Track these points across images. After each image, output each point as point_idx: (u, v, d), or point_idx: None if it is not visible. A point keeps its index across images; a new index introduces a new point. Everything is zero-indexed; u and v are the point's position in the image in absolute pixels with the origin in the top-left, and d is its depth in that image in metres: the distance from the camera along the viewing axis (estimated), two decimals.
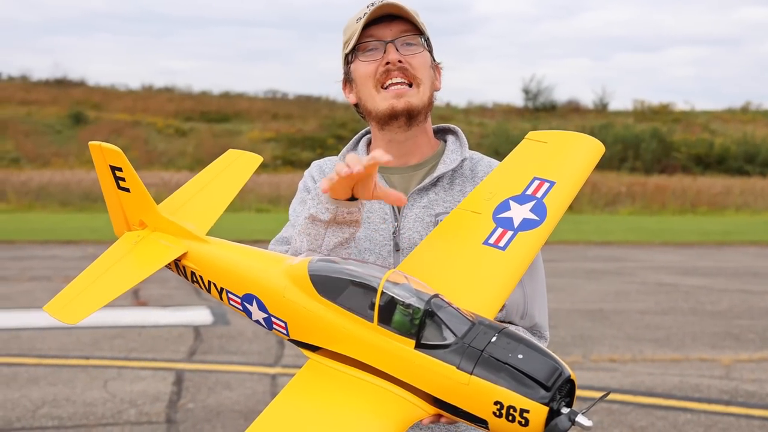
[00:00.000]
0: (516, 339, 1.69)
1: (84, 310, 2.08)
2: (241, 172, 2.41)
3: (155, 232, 2.22)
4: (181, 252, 2.13)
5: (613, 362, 8.16)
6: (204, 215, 2.26)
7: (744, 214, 28.52)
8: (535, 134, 2.31)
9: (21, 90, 43.48)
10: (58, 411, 6.45)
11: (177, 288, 12.09)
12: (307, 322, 1.85)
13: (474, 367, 1.65)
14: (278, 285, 1.90)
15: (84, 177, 27.63)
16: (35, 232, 19.08)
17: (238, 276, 2.00)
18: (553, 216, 2.07)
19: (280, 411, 1.75)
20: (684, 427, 6.30)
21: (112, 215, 2.29)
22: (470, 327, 1.71)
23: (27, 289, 11.90)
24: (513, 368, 1.64)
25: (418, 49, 2.20)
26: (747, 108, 49.61)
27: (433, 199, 2.24)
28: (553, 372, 1.64)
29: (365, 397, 1.74)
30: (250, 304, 1.97)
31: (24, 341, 8.74)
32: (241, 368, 7.71)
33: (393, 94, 2.18)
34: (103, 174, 2.23)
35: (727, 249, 18.84)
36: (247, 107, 44.13)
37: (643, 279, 13.76)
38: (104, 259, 2.21)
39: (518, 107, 47.81)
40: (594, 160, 2.25)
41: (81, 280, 2.16)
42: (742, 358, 8.38)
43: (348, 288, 1.79)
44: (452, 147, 2.32)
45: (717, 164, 36.32)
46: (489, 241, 2.03)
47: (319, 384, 1.80)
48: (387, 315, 1.73)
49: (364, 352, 1.76)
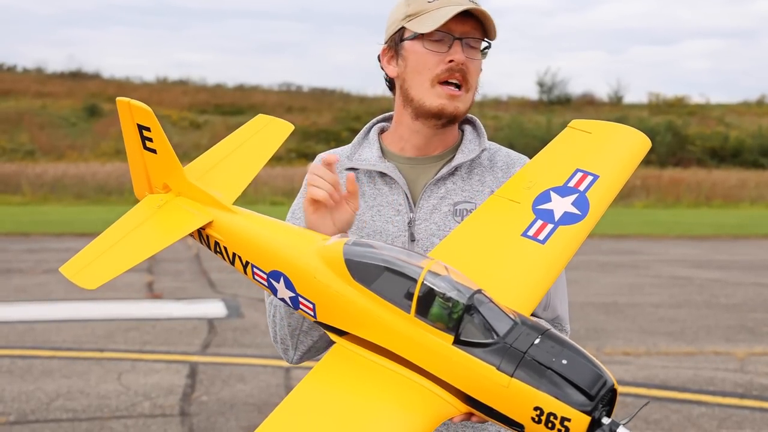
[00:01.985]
0: (560, 342, 1.62)
1: (102, 275, 1.97)
2: (271, 140, 2.28)
3: (179, 197, 2.11)
4: (206, 220, 2.03)
5: (627, 355, 8.13)
6: (231, 183, 2.13)
7: (759, 207, 28.36)
8: (579, 123, 2.23)
9: (36, 82, 43.68)
10: (72, 404, 6.48)
11: (191, 281, 12.14)
12: (338, 306, 1.78)
13: (515, 369, 1.59)
14: (309, 265, 1.82)
15: (99, 170, 27.77)
16: (50, 225, 19.18)
17: (267, 251, 1.92)
18: (596, 211, 1.99)
19: (306, 396, 1.69)
20: (698, 421, 6.27)
21: (134, 176, 2.18)
22: (512, 326, 1.64)
23: (42, 281, 11.96)
24: (556, 373, 1.57)
25: (479, 54, 2.14)
26: (762, 101, 49.26)
27: (450, 189, 2.18)
28: (597, 380, 1.58)
29: (394, 389, 1.67)
30: (277, 282, 1.90)
31: (38, 334, 8.79)
32: (255, 361, 7.72)
33: (447, 95, 2.10)
34: (129, 132, 2.11)
35: (742, 242, 18.74)
36: (262, 100, 44.16)
37: (657, 272, 13.70)
38: (125, 222, 2.10)
39: (533, 100, 47.65)
40: (640, 156, 2.17)
41: (100, 243, 2.06)
42: (756, 352, 8.34)
43: (385, 275, 1.72)
44: (470, 137, 2.26)
45: (732, 157, 36.09)
46: (528, 233, 1.95)
47: (346, 371, 1.73)
48: (425, 307, 1.66)
49: (396, 343, 1.70)
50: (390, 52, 2.20)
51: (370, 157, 2.22)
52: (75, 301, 10.48)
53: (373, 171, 2.21)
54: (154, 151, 2.10)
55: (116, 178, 26.71)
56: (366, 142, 2.28)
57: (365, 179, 2.22)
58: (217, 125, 38.38)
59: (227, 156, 2.22)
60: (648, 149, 2.20)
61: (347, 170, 2.22)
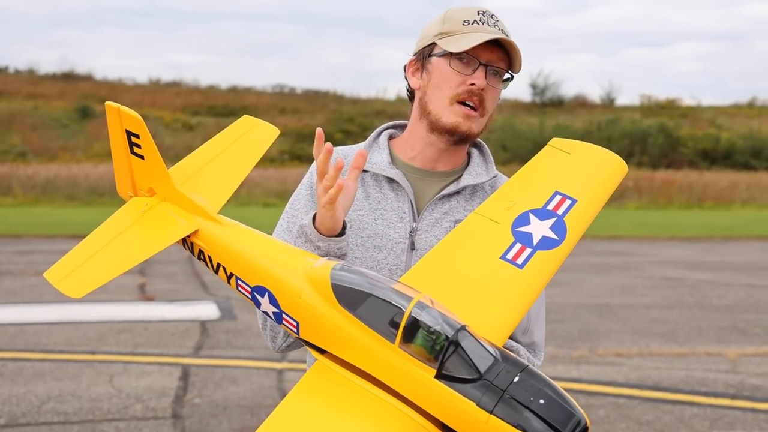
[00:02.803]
0: (538, 380, 1.68)
1: (89, 283, 1.96)
2: (257, 145, 2.27)
3: (164, 202, 2.11)
4: (192, 229, 2.04)
5: (619, 356, 8.15)
6: (216, 190, 2.14)
7: (750, 208, 28.46)
8: (559, 142, 2.26)
9: (28, 84, 43.56)
10: (64, 406, 6.46)
11: (183, 283, 12.12)
12: (322, 327, 1.81)
13: (495, 406, 1.64)
14: (295, 285, 1.85)
15: (91, 171, 27.70)
16: (42, 227, 19.12)
17: (252, 265, 1.94)
18: (573, 237, 2.03)
19: (288, 415, 1.72)
20: (690, 421, 6.28)
21: (117, 176, 2.18)
22: (493, 363, 1.69)
23: (33, 283, 11.93)
24: (533, 413, 1.63)
25: (499, 84, 2.21)
26: (753, 103, 49.44)
27: (454, 206, 2.24)
28: (570, 420, 1.65)
29: (375, 412, 1.71)
30: (261, 296, 1.93)
31: (30, 336, 8.76)
32: (247, 363, 7.71)
33: (463, 114, 2.18)
34: (116, 136, 2.12)
35: (734, 243, 18.80)
36: (255, 101, 44.14)
37: (649, 273, 13.73)
38: (110, 225, 2.10)
39: (526, 102, 47.69)
40: (617, 181, 2.22)
41: (85, 247, 2.05)
42: (748, 352, 8.37)
43: (371, 302, 1.75)
44: (477, 161, 2.33)
45: (723, 159, 36.21)
46: (507, 256, 1.99)
47: (326, 390, 1.77)
48: (409, 338, 1.70)
49: (379, 370, 1.73)
50: (416, 64, 2.28)
51: (380, 161, 2.26)
52: (66, 303, 10.44)
53: (381, 175, 2.25)
54: (142, 157, 2.10)
55: (109, 180, 26.62)
56: (376, 146, 2.33)
57: (372, 182, 2.26)
58: (210, 127, 38.32)
59: (212, 159, 2.21)
60: (624, 174, 2.24)
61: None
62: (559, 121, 38.89)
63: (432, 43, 2.23)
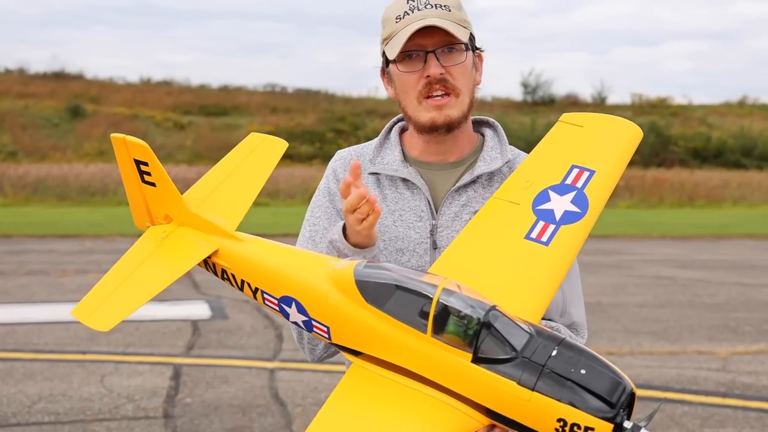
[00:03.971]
0: (577, 351, 1.65)
1: (115, 315, 1.99)
2: (267, 160, 2.29)
3: (182, 226, 2.12)
4: (211, 250, 2.04)
5: (611, 355, 8.15)
6: (231, 208, 2.15)
7: (741, 207, 28.54)
8: (570, 116, 2.22)
9: (18, 83, 43.37)
10: (55, 406, 6.44)
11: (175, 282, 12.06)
12: (352, 328, 1.79)
13: (536, 382, 1.61)
14: (321, 289, 1.84)
15: (82, 170, 27.61)
16: (32, 226, 19.05)
17: (276, 277, 1.93)
18: (595, 207, 2.00)
19: (331, 420, 1.70)
20: (681, 420, 6.30)
21: (133, 208, 2.19)
22: (529, 339, 1.66)
23: (24, 283, 11.88)
24: (576, 384, 1.60)
25: (460, 57, 2.12)
26: (744, 102, 49.58)
27: (471, 197, 2.18)
28: (616, 387, 1.61)
29: (415, 406, 1.69)
30: (289, 306, 1.91)
31: (20, 336, 8.73)
32: (239, 362, 7.70)
33: (434, 107, 2.12)
34: (126, 167, 2.12)
35: (725, 242, 18.85)
36: (246, 101, 44.04)
37: (641, 272, 13.76)
38: (131, 257, 2.11)
39: (517, 101, 47.73)
40: (633, 146, 2.17)
41: (108, 281, 2.07)
42: (738, 351, 8.39)
43: (397, 296, 1.73)
44: (491, 144, 2.26)
45: (714, 158, 36.31)
46: (531, 235, 1.96)
47: (366, 391, 1.75)
48: (441, 326, 1.68)
49: (414, 363, 1.71)
50: (384, 76, 2.26)
51: (392, 161, 2.23)
52: (57, 303, 10.42)
53: (396, 176, 2.21)
54: (153, 185, 2.10)
55: (100, 179, 26.56)
56: (387, 144, 2.28)
57: (387, 182, 2.23)
58: (202, 126, 38.25)
59: (224, 180, 2.23)
60: (640, 139, 2.20)
61: (370, 174, 2.24)
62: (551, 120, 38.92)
63: (384, 53, 2.20)
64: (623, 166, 2.13)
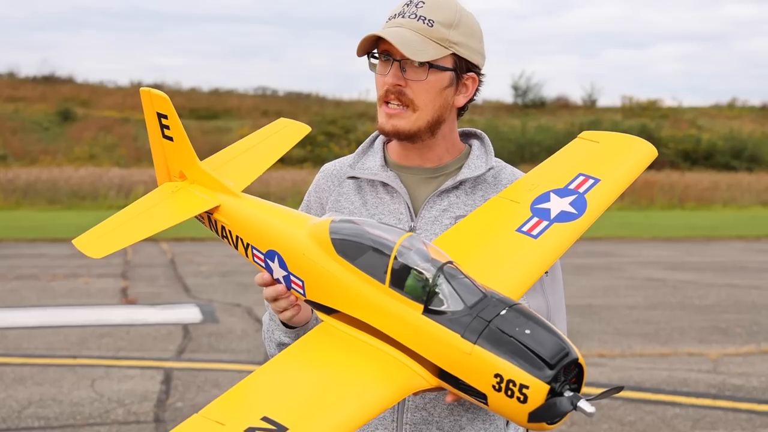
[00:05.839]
0: (526, 315, 1.66)
1: (110, 246, 2.11)
2: (287, 139, 2.42)
3: (194, 184, 2.23)
4: (213, 204, 2.14)
5: (602, 357, 8.18)
6: (243, 174, 2.27)
7: (731, 209, 28.67)
8: (589, 134, 2.27)
9: (8, 87, 43.21)
10: (45, 411, 6.41)
11: (166, 286, 12.06)
12: (324, 281, 1.86)
13: (478, 337, 1.63)
14: (300, 243, 1.91)
15: (72, 174, 27.52)
16: (22, 230, 18.99)
17: (264, 232, 2.02)
18: (593, 212, 2.04)
19: (283, 364, 1.77)
20: (672, 421, 6.32)
21: (156, 165, 2.30)
22: (481, 298, 1.69)
23: (13, 287, 11.84)
24: (518, 342, 1.61)
25: (422, 74, 2.11)
26: (733, 104, 49.80)
27: (453, 202, 2.20)
28: (559, 351, 1.61)
29: (369, 360, 1.74)
30: (272, 261, 1.98)
31: (10, 340, 8.69)
32: (230, 366, 7.69)
33: (385, 114, 2.16)
34: (151, 122, 2.25)
35: (715, 244, 18.93)
36: (237, 104, 44.00)
37: (631, 274, 13.80)
38: (139, 204, 2.23)
39: (507, 104, 47.79)
40: (644, 164, 2.23)
41: (113, 220, 2.18)
42: (729, 352, 8.42)
43: (365, 250, 1.79)
44: (477, 152, 2.27)
45: (704, 160, 36.42)
46: (522, 228, 2.00)
47: (326, 345, 1.81)
48: (399, 278, 1.72)
49: (373, 315, 1.76)
50: None
51: (372, 166, 2.26)
52: (47, 308, 10.38)
53: (376, 180, 2.25)
54: (171, 139, 2.23)
55: (90, 183, 26.48)
56: (371, 150, 2.33)
57: (368, 187, 2.26)
58: (192, 129, 38.14)
59: (245, 151, 2.37)
60: (654, 158, 2.25)
61: (349, 179, 2.28)
62: (541, 123, 39.01)
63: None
64: (631, 179, 2.18)
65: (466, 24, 2.16)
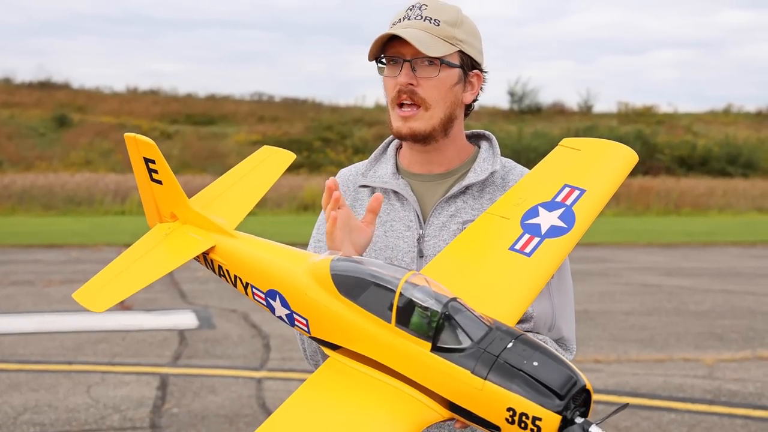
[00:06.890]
0: (532, 346, 1.68)
1: (111, 298, 2.11)
2: (273, 169, 2.43)
3: (185, 224, 2.24)
4: (209, 245, 2.15)
5: (598, 363, 8.18)
6: (234, 210, 2.28)
7: (726, 214, 28.71)
8: (569, 141, 2.30)
9: (4, 92, 43.20)
10: (40, 417, 6.40)
11: (162, 291, 12.04)
12: (328, 320, 1.86)
13: (488, 372, 1.65)
14: (301, 282, 1.91)
15: (68, 180, 27.49)
16: (18, 236, 18.96)
17: (263, 271, 2.02)
18: (582, 224, 2.07)
19: (296, 407, 1.76)
20: (668, 427, 6.32)
21: (145, 207, 2.32)
22: (487, 332, 1.70)
23: (9, 293, 11.82)
24: (527, 375, 1.63)
25: (434, 71, 2.15)
26: (729, 110, 49.89)
27: (461, 207, 2.23)
28: (567, 381, 1.63)
29: (381, 397, 1.74)
30: (274, 300, 1.99)
31: (6, 347, 8.67)
32: (226, 372, 7.68)
33: (400, 117, 2.18)
34: (138, 166, 2.25)
35: (711, 249, 18.95)
36: (233, 110, 44.00)
37: (627, 280, 13.81)
38: (135, 250, 2.24)
39: (504, 109, 47.87)
40: (627, 169, 2.25)
41: (111, 270, 2.19)
42: (725, 358, 8.43)
43: (368, 288, 1.79)
44: (485, 155, 2.30)
45: (700, 166, 36.48)
46: (515, 246, 2.02)
47: (336, 382, 1.81)
48: (405, 316, 1.73)
49: (381, 353, 1.77)
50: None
51: (383, 174, 2.29)
52: (43, 314, 10.37)
53: (386, 188, 2.27)
54: (160, 182, 2.23)
55: (86, 189, 26.45)
56: (383, 158, 2.36)
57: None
58: (189, 135, 38.17)
59: (232, 186, 2.37)
60: (635, 163, 2.28)
61: (360, 187, 2.32)
62: (537, 129, 39.06)
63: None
64: (615, 187, 2.20)
65: (467, 24, 2.23)
